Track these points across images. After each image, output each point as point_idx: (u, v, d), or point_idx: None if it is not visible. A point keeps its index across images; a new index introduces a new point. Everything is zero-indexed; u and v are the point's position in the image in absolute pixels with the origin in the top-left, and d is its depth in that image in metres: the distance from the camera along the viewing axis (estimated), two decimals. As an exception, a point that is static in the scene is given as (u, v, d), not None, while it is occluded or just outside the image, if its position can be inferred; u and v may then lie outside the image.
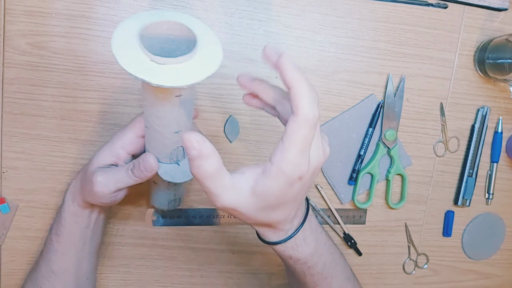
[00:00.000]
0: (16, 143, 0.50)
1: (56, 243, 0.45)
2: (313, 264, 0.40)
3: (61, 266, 0.46)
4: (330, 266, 0.42)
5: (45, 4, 0.47)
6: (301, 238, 0.37)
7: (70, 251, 0.46)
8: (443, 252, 0.63)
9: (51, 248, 0.46)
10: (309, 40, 0.53)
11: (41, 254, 0.47)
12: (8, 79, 0.48)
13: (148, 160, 0.38)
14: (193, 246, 0.56)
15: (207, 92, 0.52)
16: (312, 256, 0.39)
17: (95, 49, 0.49)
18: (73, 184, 0.45)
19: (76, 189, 0.44)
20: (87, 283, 0.49)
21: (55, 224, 0.46)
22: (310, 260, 0.39)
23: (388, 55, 0.55)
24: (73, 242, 0.46)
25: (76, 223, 0.45)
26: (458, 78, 0.58)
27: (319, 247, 0.40)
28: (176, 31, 0.33)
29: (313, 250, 0.39)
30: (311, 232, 0.39)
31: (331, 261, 0.42)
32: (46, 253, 0.46)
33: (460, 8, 0.56)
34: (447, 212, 0.62)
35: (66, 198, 0.45)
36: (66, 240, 0.45)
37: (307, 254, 0.38)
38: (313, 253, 0.39)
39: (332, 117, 0.56)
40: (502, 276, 0.66)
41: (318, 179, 0.57)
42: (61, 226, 0.45)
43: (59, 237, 0.45)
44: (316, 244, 0.39)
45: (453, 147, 0.60)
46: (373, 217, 0.60)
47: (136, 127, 0.41)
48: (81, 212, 0.45)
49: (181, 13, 0.33)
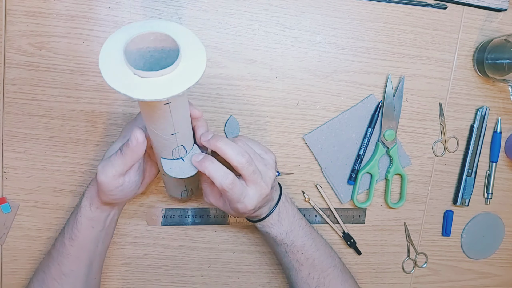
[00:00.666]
0: (17, 143, 0.50)
1: (70, 247, 0.45)
2: (290, 243, 0.49)
3: (73, 268, 0.46)
4: (310, 248, 0.50)
5: (46, 4, 0.47)
6: (276, 219, 0.48)
7: (83, 254, 0.46)
8: (442, 251, 0.63)
9: (63, 252, 0.45)
10: (309, 41, 0.54)
11: (51, 256, 0.47)
12: (9, 80, 0.48)
13: (134, 134, 0.38)
14: (193, 245, 0.57)
15: (208, 92, 0.52)
16: (287, 234, 0.49)
17: (96, 50, 0.49)
18: (89, 189, 0.45)
19: (93, 193, 0.44)
20: (94, 282, 0.49)
21: (69, 228, 0.46)
22: (286, 238, 0.49)
23: (387, 55, 0.56)
24: (87, 246, 0.46)
25: (92, 227, 0.45)
26: (457, 78, 0.58)
27: (295, 228, 0.49)
28: (162, 42, 0.33)
29: (287, 229, 0.49)
30: (286, 216, 0.49)
31: (311, 245, 0.50)
32: (57, 256, 0.46)
33: (459, 8, 0.56)
34: (446, 211, 0.62)
35: (83, 204, 0.45)
36: (80, 244, 0.45)
37: (282, 232, 0.48)
38: (288, 231, 0.49)
39: (331, 117, 0.56)
40: (501, 275, 0.67)
41: (318, 178, 0.57)
42: (77, 231, 0.45)
43: (73, 241, 0.45)
44: (291, 225, 0.49)
45: (452, 147, 0.60)
46: (372, 217, 0.60)
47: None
48: (99, 215, 0.45)
49: (168, 22, 0.34)
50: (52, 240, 0.53)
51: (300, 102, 0.55)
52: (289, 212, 0.49)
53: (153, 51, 0.34)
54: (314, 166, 0.57)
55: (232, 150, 0.40)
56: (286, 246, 0.49)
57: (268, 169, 0.44)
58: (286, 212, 0.49)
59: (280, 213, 0.48)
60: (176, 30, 0.33)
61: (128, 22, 0.49)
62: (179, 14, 0.50)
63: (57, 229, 0.53)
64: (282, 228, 0.48)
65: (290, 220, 0.49)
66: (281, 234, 0.48)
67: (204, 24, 0.51)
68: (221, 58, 0.52)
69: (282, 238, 0.49)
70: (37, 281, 0.47)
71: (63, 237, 0.46)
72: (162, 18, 0.50)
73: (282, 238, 0.49)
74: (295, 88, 0.54)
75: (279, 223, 0.48)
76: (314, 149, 0.56)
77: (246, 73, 0.53)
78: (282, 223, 0.48)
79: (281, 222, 0.48)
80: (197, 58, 0.32)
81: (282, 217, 0.49)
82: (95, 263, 0.48)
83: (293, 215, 0.50)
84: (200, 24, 0.51)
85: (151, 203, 0.54)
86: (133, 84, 0.30)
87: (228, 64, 0.52)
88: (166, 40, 0.33)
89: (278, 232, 0.48)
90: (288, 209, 0.49)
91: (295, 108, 0.55)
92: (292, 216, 0.49)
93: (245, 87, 0.53)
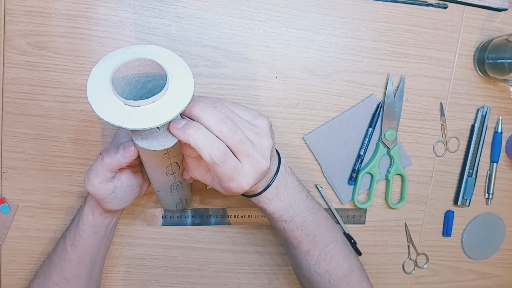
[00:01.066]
0: (16, 143, 0.50)
1: (72, 253, 0.45)
2: (289, 219, 0.43)
3: (74, 273, 0.45)
4: (311, 224, 0.44)
5: (45, 4, 0.47)
6: (274, 194, 0.41)
7: (86, 259, 0.46)
8: (442, 252, 0.63)
9: (65, 258, 0.45)
10: (309, 40, 0.53)
11: (52, 261, 0.47)
12: (8, 79, 0.48)
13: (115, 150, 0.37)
14: (193, 246, 0.56)
15: (208, 92, 0.52)
16: (286, 210, 0.42)
17: (95, 49, 0.49)
18: (90, 196, 0.44)
19: (94, 201, 0.44)
20: (95, 284, 0.49)
21: (71, 235, 0.45)
22: (285, 214, 0.43)
23: (388, 55, 0.55)
24: (90, 251, 0.46)
25: (95, 233, 0.45)
26: (458, 78, 0.58)
27: (295, 203, 0.43)
28: (147, 67, 0.33)
29: (287, 205, 0.42)
30: (285, 189, 0.42)
31: (312, 220, 0.45)
32: (58, 261, 0.46)
33: (460, 8, 0.56)
34: (447, 212, 0.62)
35: (86, 212, 0.44)
36: (83, 250, 0.45)
37: (280, 208, 0.42)
38: (287, 207, 0.42)
39: (332, 117, 0.56)
40: (502, 276, 0.67)
41: (318, 178, 0.57)
42: (79, 237, 0.44)
43: (75, 248, 0.45)
44: (290, 200, 0.43)
45: (453, 147, 0.60)
46: (373, 217, 0.60)
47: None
48: (102, 222, 0.44)
49: (151, 46, 0.34)
50: (52, 241, 0.53)
51: (300, 102, 0.55)
52: (288, 185, 0.42)
53: (139, 76, 0.34)
54: (314, 166, 0.57)
55: (210, 116, 0.33)
56: (284, 223, 0.44)
57: (262, 138, 0.36)
58: (285, 185, 0.42)
59: (279, 186, 0.42)
60: (160, 53, 0.33)
61: (128, 22, 0.49)
62: (179, 14, 0.50)
63: (57, 229, 0.53)
64: (281, 203, 0.42)
65: (289, 194, 0.43)
66: (279, 210, 0.42)
67: (204, 23, 0.51)
68: (221, 57, 0.52)
69: (281, 215, 0.43)
70: (38, 285, 0.47)
71: (65, 243, 0.45)
72: (145, 44, 0.49)
73: (280, 214, 0.43)
74: (295, 87, 0.54)
75: (277, 198, 0.42)
76: (314, 149, 0.56)
77: (246, 73, 0.53)
78: (280, 198, 0.42)
79: (280, 196, 0.42)
80: (184, 79, 0.32)
81: (281, 191, 0.42)
82: (97, 266, 0.48)
83: (293, 188, 0.43)
84: (200, 24, 0.51)
85: (151, 204, 0.54)
86: (126, 114, 0.30)
87: (228, 64, 0.52)
88: (150, 65, 0.33)
89: (276, 209, 0.42)
90: (287, 181, 0.42)
91: (295, 108, 0.55)
92: (292, 189, 0.43)
93: (245, 87, 0.53)
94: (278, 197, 0.42)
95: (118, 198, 0.41)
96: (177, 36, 0.50)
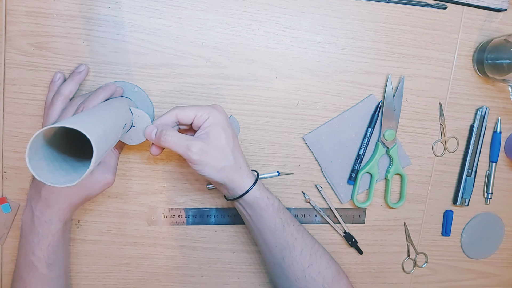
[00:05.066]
0: (17, 143, 0.50)
1: (50, 272, 0.46)
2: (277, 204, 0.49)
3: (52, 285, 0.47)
4: (295, 220, 0.51)
5: (46, 4, 0.47)
6: (261, 186, 0.48)
7: (62, 270, 0.48)
8: (442, 251, 0.64)
9: (43, 280, 0.46)
10: (309, 41, 0.54)
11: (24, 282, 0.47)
12: (9, 80, 0.48)
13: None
14: (193, 245, 0.57)
15: (208, 92, 0.52)
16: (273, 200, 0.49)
17: (96, 50, 0.49)
18: (49, 213, 0.46)
19: (59, 212, 0.46)
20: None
21: (44, 258, 0.46)
22: (272, 198, 0.49)
23: (387, 55, 0.56)
24: (64, 261, 0.49)
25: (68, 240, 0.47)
26: (457, 78, 0.58)
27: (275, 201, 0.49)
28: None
29: (269, 195, 0.49)
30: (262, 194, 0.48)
31: (292, 217, 0.51)
32: (36, 284, 0.46)
33: (459, 8, 0.56)
34: (446, 211, 0.62)
35: (57, 228, 0.46)
36: (59, 264, 0.48)
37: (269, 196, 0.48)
38: (269, 196, 0.48)
39: (331, 117, 0.56)
40: (501, 275, 0.67)
41: (318, 178, 0.57)
42: (55, 255, 0.46)
43: (52, 266, 0.46)
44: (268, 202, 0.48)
45: (452, 147, 0.60)
46: (372, 217, 0.60)
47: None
48: (69, 224, 0.47)
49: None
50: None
51: (300, 102, 0.55)
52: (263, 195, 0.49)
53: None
54: (314, 166, 0.57)
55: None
56: (280, 215, 0.48)
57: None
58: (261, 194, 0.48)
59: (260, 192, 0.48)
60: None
61: (128, 22, 0.49)
62: (179, 14, 0.50)
63: (57, 229, 0.53)
64: (266, 192, 0.48)
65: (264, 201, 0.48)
66: (269, 198, 0.48)
67: (204, 24, 0.51)
68: (221, 58, 0.52)
69: (268, 201, 0.48)
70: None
71: (37, 269, 0.45)
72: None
73: (266, 203, 0.48)
74: (295, 88, 0.54)
75: (263, 188, 0.48)
76: (314, 149, 0.56)
77: (246, 73, 0.53)
78: (264, 189, 0.49)
79: (263, 189, 0.48)
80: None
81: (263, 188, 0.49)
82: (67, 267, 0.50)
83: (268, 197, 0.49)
84: (200, 24, 0.51)
85: (151, 203, 0.54)
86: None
87: (228, 64, 0.52)
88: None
89: (265, 195, 0.48)
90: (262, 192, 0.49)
91: (295, 108, 0.55)
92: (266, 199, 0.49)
93: (245, 87, 0.53)
94: (263, 187, 0.49)
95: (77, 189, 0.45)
96: (177, 36, 0.50)
